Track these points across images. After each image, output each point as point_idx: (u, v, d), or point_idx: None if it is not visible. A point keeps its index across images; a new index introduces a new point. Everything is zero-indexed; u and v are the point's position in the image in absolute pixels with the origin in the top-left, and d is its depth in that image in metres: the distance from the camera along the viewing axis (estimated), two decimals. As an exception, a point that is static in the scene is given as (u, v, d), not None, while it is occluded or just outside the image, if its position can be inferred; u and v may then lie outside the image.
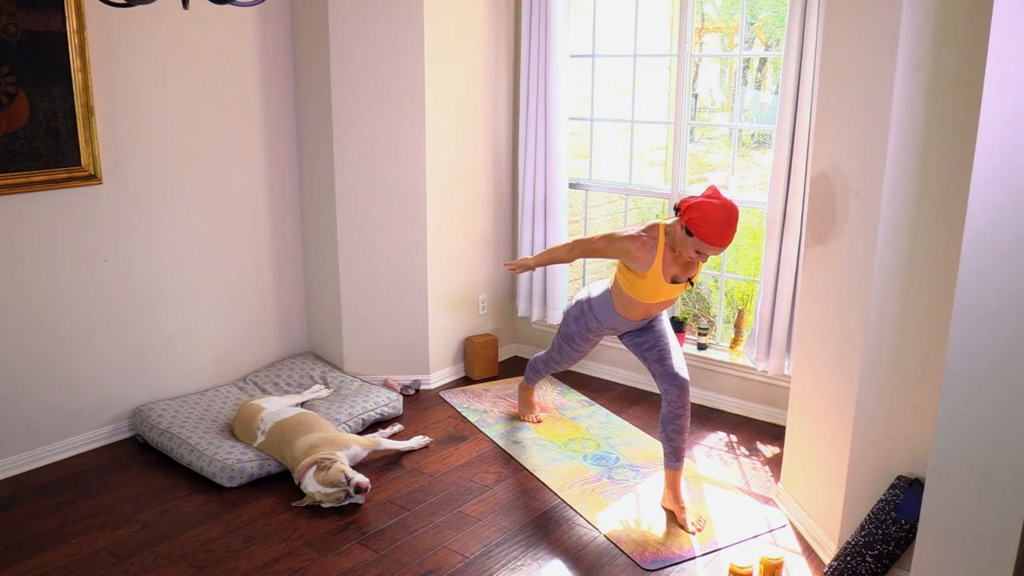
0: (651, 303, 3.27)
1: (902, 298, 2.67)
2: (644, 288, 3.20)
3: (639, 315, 3.35)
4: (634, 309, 3.31)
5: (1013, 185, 2.00)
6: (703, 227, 2.94)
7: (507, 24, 4.66)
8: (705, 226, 2.94)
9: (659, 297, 3.23)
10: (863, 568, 2.75)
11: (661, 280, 3.17)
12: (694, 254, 3.04)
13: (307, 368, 4.45)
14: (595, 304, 3.45)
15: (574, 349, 3.65)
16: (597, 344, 3.67)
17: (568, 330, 3.61)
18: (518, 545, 3.10)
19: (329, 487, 3.24)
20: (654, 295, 3.22)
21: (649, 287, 3.19)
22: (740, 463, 3.77)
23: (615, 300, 3.35)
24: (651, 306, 3.30)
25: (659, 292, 3.20)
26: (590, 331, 3.52)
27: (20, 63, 3.33)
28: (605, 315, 3.41)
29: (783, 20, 3.85)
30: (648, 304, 3.27)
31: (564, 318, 3.65)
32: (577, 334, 3.57)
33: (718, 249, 2.99)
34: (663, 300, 3.26)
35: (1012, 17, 1.96)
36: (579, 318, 3.53)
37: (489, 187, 4.74)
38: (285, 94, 4.34)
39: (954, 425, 2.20)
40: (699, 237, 2.97)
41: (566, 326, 3.62)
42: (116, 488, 3.48)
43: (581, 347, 3.63)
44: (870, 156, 2.67)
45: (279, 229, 4.45)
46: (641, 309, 3.31)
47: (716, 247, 2.98)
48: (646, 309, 3.32)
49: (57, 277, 3.60)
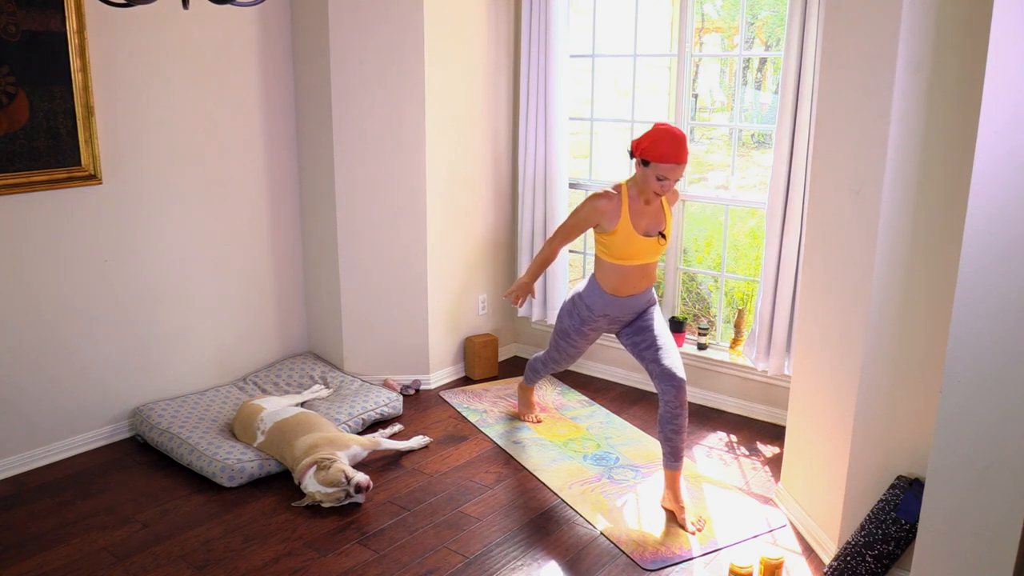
0: (630, 264, 3.29)
1: (902, 298, 2.67)
2: (618, 245, 3.25)
3: (626, 287, 3.35)
4: (618, 279, 3.33)
5: (1013, 185, 2.00)
6: (655, 149, 3.09)
7: (507, 24, 4.66)
8: (656, 147, 3.09)
9: (635, 255, 3.27)
10: (863, 568, 2.75)
11: (633, 233, 3.23)
12: (657, 183, 3.13)
13: (307, 368, 4.45)
14: (584, 292, 3.48)
15: (571, 345, 3.64)
16: (594, 341, 3.65)
17: (563, 325, 3.61)
18: (518, 545, 3.10)
19: (329, 487, 3.24)
20: (630, 252, 3.26)
21: (622, 242, 3.24)
22: (740, 463, 3.77)
23: (599, 277, 3.39)
24: (632, 270, 3.31)
25: (633, 246, 3.25)
26: (584, 323, 3.51)
27: (20, 63, 3.33)
28: (595, 299, 3.42)
29: (783, 20, 3.85)
30: (628, 266, 3.30)
31: (558, 315, 3.66)
32: (572, 328, 3.56)
33: (675, 167, 3.10)
34: (642, 261, 3.30)
35: (1012, 17, 1.96)
36: (571, 311, 3.54)
37: (489, 187, 4.74)
38: (285, 94, 4.34)
39: (954, 425, 2.20)
40: (655, 160, 3.09)
41: (560, 322, 3.62)
42: (116, 488, 3.48)
43: (577, 342, 3.62)
44: (870, 156, 2.67)
45: (279, 229, 4.45)
46: (624, 277, 3.33)
47: (673, 163, 3.09)
48: (629, 276, 3.33)
49: (57, 277, 3.60)
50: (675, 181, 3.15)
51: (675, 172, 3.11)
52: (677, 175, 3.13)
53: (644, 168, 3.15)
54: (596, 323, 3.50)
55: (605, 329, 3.55)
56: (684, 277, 5.12)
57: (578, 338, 3.59)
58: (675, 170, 3.11)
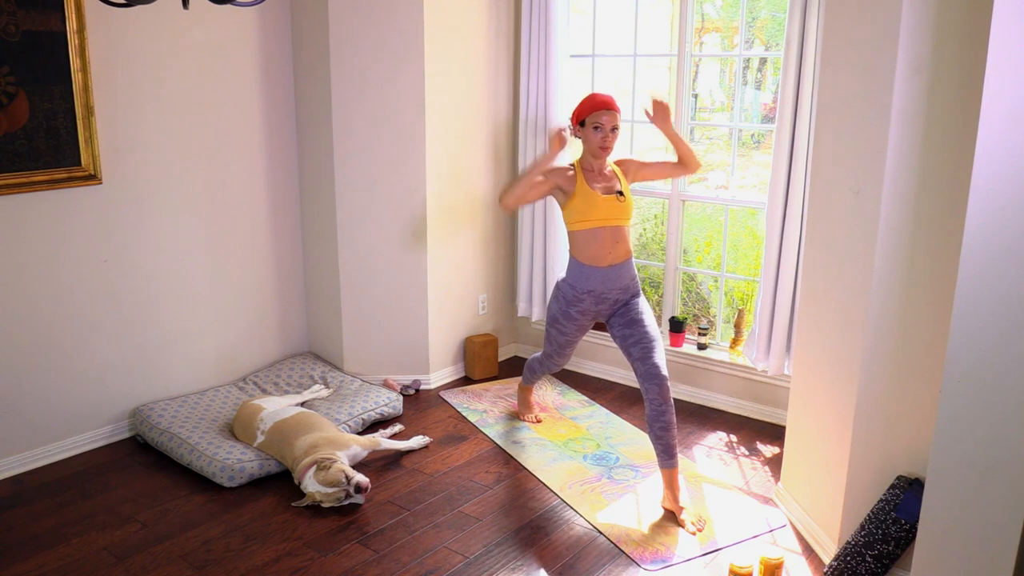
0: (597, 226, 3.38)
1: (902, 298, 2.67)
2: (580, 207, 3.37)
3: (602, 254, 3.40)
4: (593, 245, 3.39)
5: (1013, 185, 2.00)
6: (582, 106, 3.35)
7: (507, 24, 4.66)
8: (583, 105, 3.35)
9: (599, 215, 3.37)
10: (863, 568, 2.75)
11: (590, 191, 3.38)
12: (596, 135, 3.32)
13: (307, 368, 4.45)
14: (565, 274, 3.54)
15: (561, 333, 3.61)
16: (585, 329, 3.62)
17: (551, 313, 3.62)
18: (518, 545, 3.10)
19: (329, 487, 3.24)
20: (593, 212, 3.37)
21: (583, 204, 3.37)
22: (740, 463, 3.77)
23: (574, 252, 3.47)
24: (602, 233, 3.38)
25: (594, 205, 3.37)
26: (570, 304, 3.50)
27: (20, 63, 3.33)
28: (576, 276, 3.46)
29: (783, 20, 3.85)
30: (596, 228, 3.38)
31: (547, 308, 3.69)
32: (559, 312, 3.56)
33: (605, 112, 3.31)
34: (609, 223, 3.39)
35: (1012, 17, 1.96)
36: (556, 295, 3.58)
37: (489, 187, 4.74)
38: (285, 94, 4.34)
39: (954, 425, 2.20)
40: (585, 114, 3.33)
41: (549, 311, 3.65)
42: (116, 488, 3.48)
43: (566, 328, 3.58)
44: (870, 156, 2.67)
45: (279, 229, 4.45)
46: (598, 241, 3.38)
47: (602, 108, 3.31)
48: (601, 241, 3.38)
49: (57, 277, 3.60)
50: (612, 130, 3.32)
51: (607, 118, 3.30)
52: (612, 122, 3.31)
53: (583, 130, 3.36)
54: (582, 303, 3.47)
55: (593, 312, 3.51)
56: (684, 277, 5.11)
57: (567, 323, 3.56)
58: (606, 116, 3.30)
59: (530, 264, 4.78)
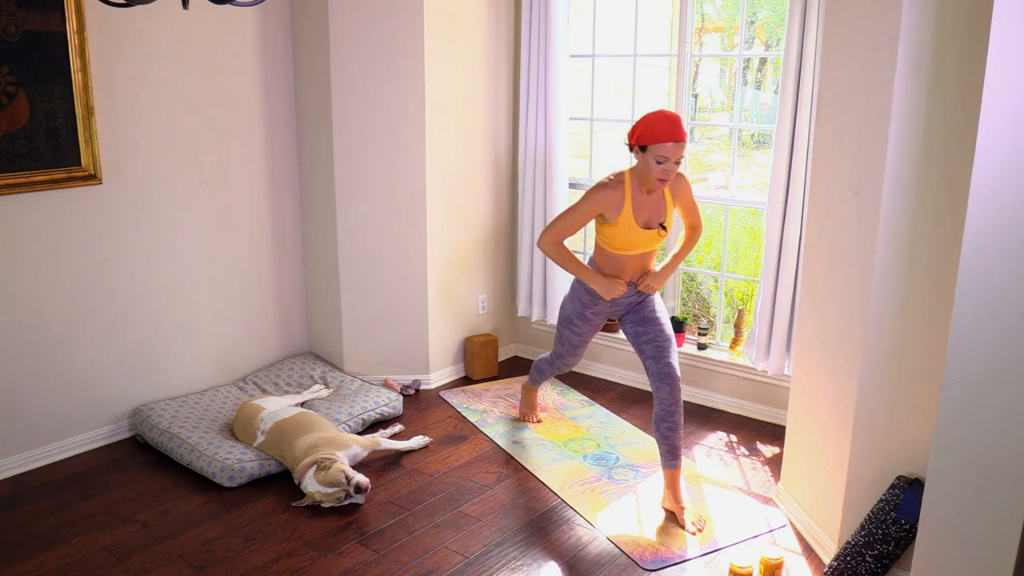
0: (628, 254, 3.28)
1: (902, 298, 2.67)
2: (618, 236, 3.22)
3: (623, 274, 3.34)
4: (615, 266, 3.32)
5: (1013, 185, 2.00)
6: (649, 131, 3.02)
7: (507, 24, 4.66)
8: (651, 129, 3.02)
9: (634, 246, 3.25)
10: (863, 568, 2.75)
11: (633, 225, 3.19)
12: (658, 167, 3.05)
13: (307, 368, 4.45)
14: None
15: (574, 333, 3.58)
16: (597, 328, 3.59)
17: (565, 312, 3.58)
18: (518, 545, 3.10)
19: (329, 487, 3.24)
20: (628, 243, 3.23)
21: (622, 234, 3.21)
22: (740, 463, 3.77)
23: (598, 261, 3.37)
24: (630, 259, 3.30)
25: (632, 238, 3.22)
26: (585, 306, 3.47)
27: (20, 63, 3.33)
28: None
29: (783, 20, 3.85)
30: (625, 256, 3.28)
31: (560, 306, 3.64)
32: (574, 313, 3.52)
33: (674, 146, 3.01)
34: (640, 251, 3.28)
35: (1012, 17, 1.96)
36: (572, 296, 3.53)
37: (489, 187, 4.74)
38: (285, 94, 4.34)
39: (954, 425, 2.19)
40: (651, 142, 3.03)
41: (563, 310, 3.59)
42: (116, 488, 3.48)
43: (580, 328, 3.55)
44: (870, 156, 2.67)
45: (279, 229, 4.45)
46: (621, 265, 3.32)
47: (671, 141, 3.00)
48: (626, 265, 3.32)
49: (57, 277, 3.60)
50: (676, 163, 3.05)
51: (674, 152, 3.02)
52: (677, 155, 3.03)
53: (643, 154, 3.07)
54: (597, 305, 3.45)
55: (608, 312, 3.49)
56: (684, 277, 5.11)
57: (580, 323, 3.53)
58: (674, 150, 3.01)
59: (530, 264, 4.78)
